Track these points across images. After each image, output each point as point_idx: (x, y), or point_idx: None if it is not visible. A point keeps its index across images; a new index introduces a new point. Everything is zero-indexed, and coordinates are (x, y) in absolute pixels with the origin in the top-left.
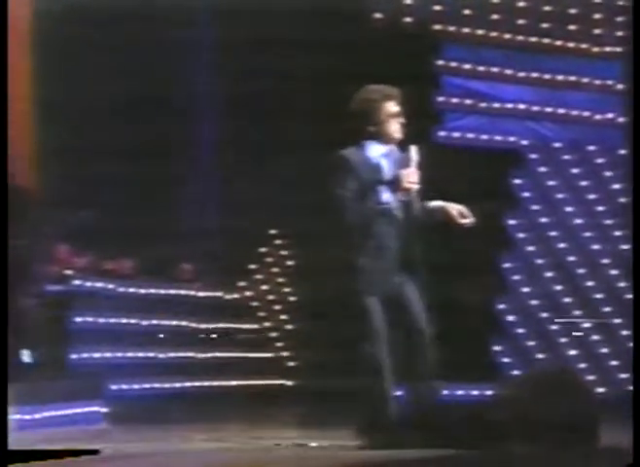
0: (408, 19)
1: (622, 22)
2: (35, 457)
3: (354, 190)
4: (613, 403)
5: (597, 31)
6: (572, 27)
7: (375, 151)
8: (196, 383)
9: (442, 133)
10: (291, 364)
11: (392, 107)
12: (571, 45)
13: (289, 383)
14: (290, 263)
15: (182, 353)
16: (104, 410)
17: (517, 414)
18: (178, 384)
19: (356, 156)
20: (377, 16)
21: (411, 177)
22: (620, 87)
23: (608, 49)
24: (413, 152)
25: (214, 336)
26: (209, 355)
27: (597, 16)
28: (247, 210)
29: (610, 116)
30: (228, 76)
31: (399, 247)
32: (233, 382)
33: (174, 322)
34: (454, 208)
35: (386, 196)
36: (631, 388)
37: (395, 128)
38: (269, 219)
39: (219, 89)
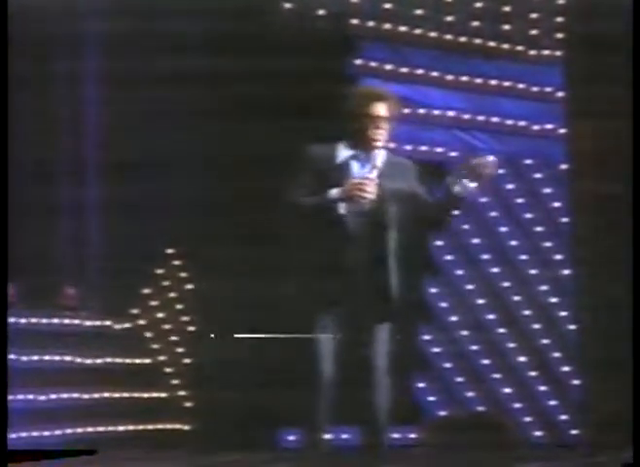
0: (321, 12)
1: (562, 23)
2: (34, 458)
3: (310, 188)
4: (551, 447)
5: (534, 32)
6: (506, 27)
7: (346, 152)
8: (79, 429)
9: None
10: (188, 405)
11: (380, 110)
12: (505, 46)
13: (185, 427)
14: (189, 287)
15: (65, 394)
16: None
17: None
18: (59, 432)
19: (323, 152)
20: (287, 6)
21: (366, 186)
22: (560, 94)
23: (546, 52)
24: (377, 158)
25: (101, 372)
26: (96, 396)
27: (534, 15)
28: (140, 224)
29: (549, 126)
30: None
31: (357, 269)
32: (121, 428)
33: (57, 357)
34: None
35: (341, 205)
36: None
37: (377, 133)
38: (166, 236)
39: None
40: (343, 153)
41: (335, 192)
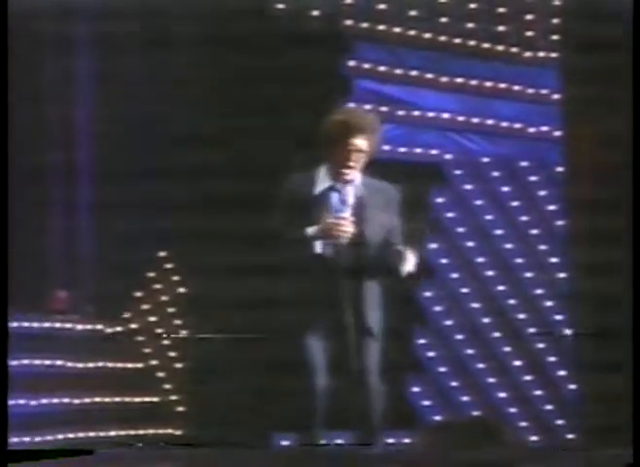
0: (314, 13)
1: (558, 25)
2: (33, 458)
3: (290, 221)
4: (547, 453)
5: (530, 34)
6: (501, 28)
7: (325, 181)
8: (71, 435)
9: None
10: (180, 409)
11: (360, 143)
12: (500, 48)
13: (178, 432)
14: (182, 290)
15: (56, 399)
16: None
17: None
18: (50, 437)
19: (301, 182)
20: (280, 7)
21: (340, 226)
22: (555, 96)
23: (542, 54)
24: (350, 194)
25: (92, 377)
26: (87, 401)
27: (530, 16)
28: (131, 228)
29: (544, 129)
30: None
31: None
32: (112, 433)
33: (47, 361)
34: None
35: (318, 244)
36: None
37: (347, 167)
38: (158, 238)
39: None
40: (322, 182)
41: (311, 230)
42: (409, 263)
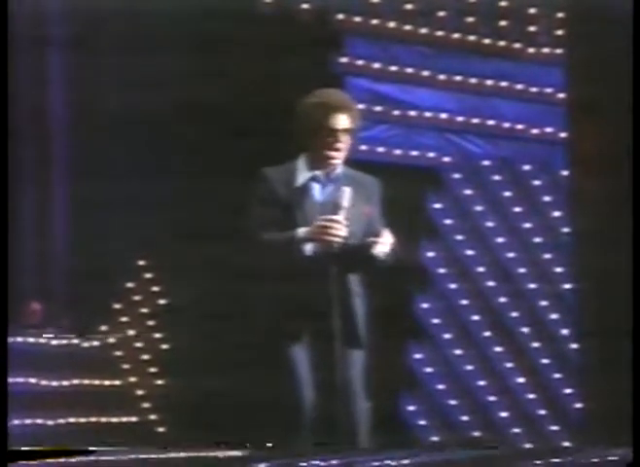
0: (304, 6)
1: (563, 19)
2: (31, 457)
3: (268, 219)
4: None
5: (533, 29)
6: (503, 23)
7: (305, 172)
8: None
9: None
10: (160, 430)
11: (339, 122)
12: (502, 44)
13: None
14: (162, 301)
15: (29, 419)
16: None
17: None
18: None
19: (280, 175)
20: (267, 0)
21: (332, 229)
22: (560, 96)
23: (546, 50)
24: (345, 197)
25: (68, 395)
26: (62, 421)
27: (533, 10)
28: (109, 235)
29: (549, 130)
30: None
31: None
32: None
33: (20, 379)
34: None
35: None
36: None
37: (334, 149)
38: (137, 247)
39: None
40: (303, 173)
41: (301, 231)
42: (384, 244)
